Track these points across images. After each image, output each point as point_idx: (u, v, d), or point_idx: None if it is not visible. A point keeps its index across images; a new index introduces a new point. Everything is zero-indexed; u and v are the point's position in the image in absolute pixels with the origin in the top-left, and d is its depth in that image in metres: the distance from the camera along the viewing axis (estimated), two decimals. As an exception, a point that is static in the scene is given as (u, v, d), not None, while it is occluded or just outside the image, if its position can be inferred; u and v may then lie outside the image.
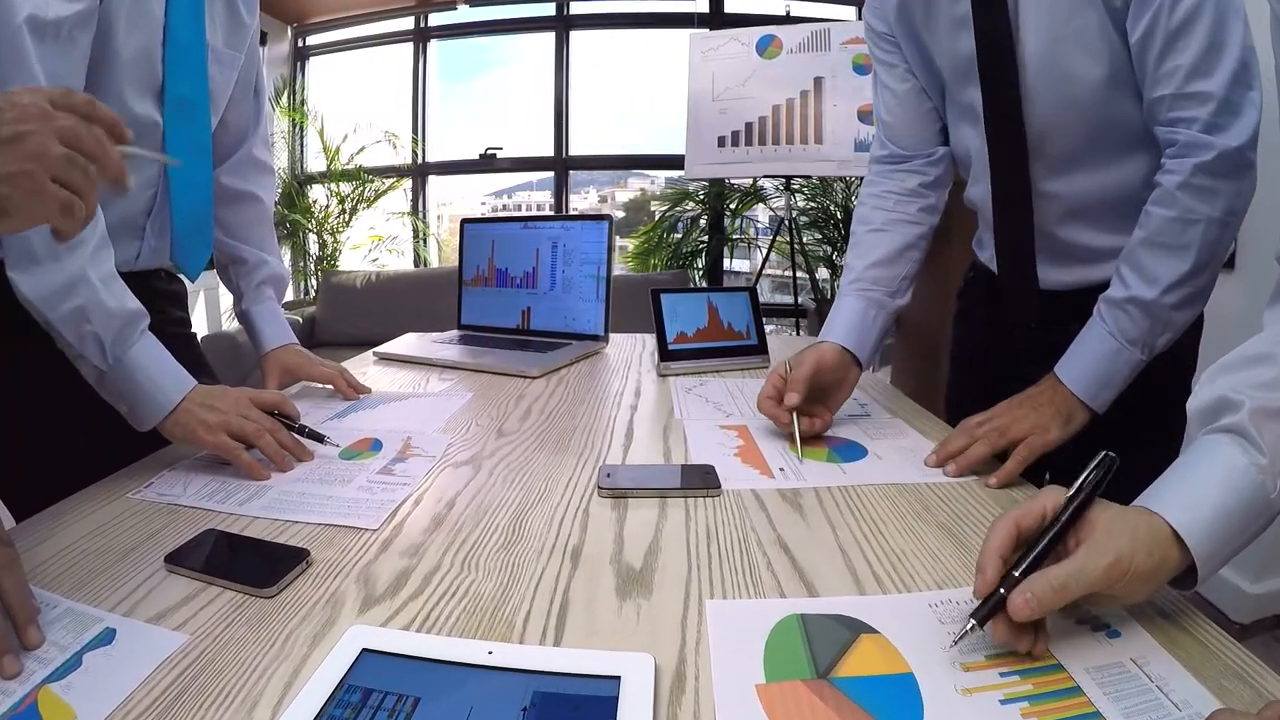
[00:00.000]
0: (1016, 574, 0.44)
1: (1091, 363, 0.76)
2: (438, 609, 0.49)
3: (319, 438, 0.82)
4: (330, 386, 1.04)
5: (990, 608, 0.44)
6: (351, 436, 0.85)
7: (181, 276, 1.02)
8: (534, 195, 4.97)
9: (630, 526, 0.61)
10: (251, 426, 0.75)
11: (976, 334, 1.05)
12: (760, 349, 1.25)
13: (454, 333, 1.47)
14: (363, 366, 1.26)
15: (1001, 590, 0.44)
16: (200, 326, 3.62)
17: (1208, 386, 0.53)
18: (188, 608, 0.50)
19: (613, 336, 1.38)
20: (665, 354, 1.18)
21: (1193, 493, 0.49)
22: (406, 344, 1.40)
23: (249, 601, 0.50)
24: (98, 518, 0.64)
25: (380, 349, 1.35)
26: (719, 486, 0.68)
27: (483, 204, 5.28)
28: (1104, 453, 0.50)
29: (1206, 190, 0.70)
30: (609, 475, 0.70)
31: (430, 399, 1.03)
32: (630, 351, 1.35)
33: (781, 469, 0.74)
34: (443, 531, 0.61)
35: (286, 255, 4.38)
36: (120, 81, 0.80)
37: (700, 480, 0.69)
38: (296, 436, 0.80)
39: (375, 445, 0.82)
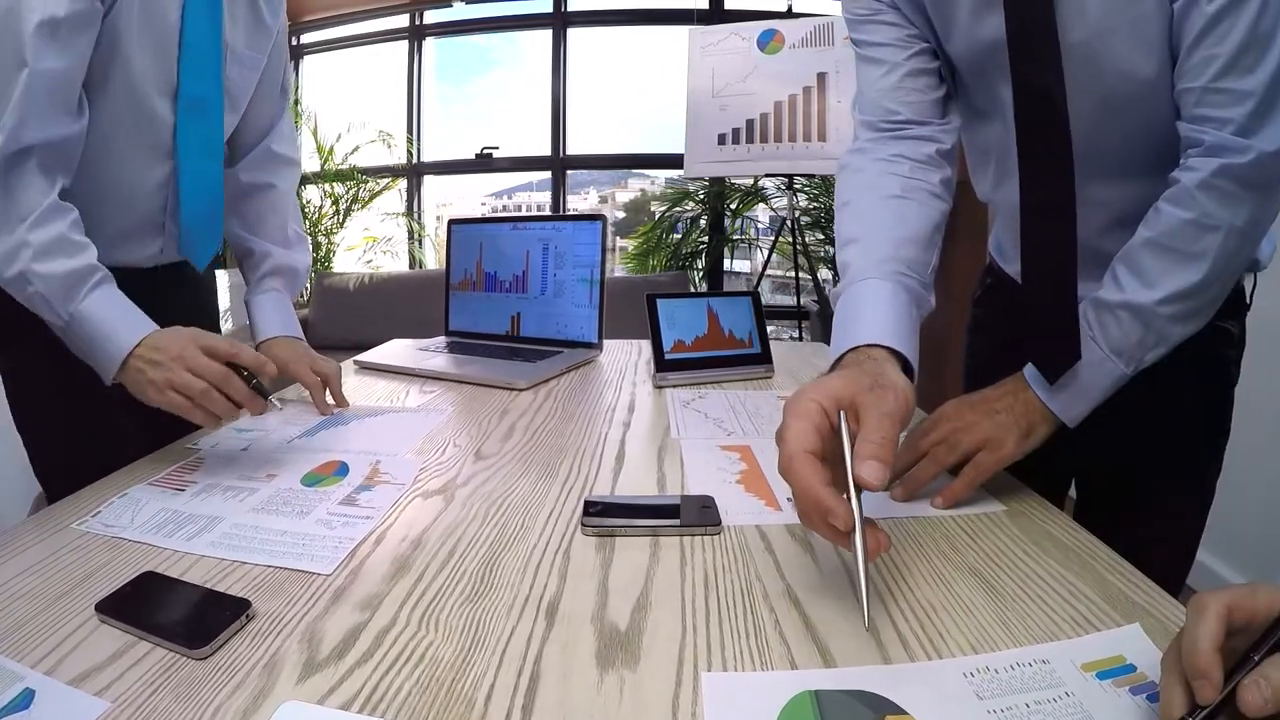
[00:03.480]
0: (1256, 658, 0.33)
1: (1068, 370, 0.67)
2: (387, 679, 0.42)
3: (264, 393, 0.78)
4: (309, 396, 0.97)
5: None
6: (317, 459, 0.78)
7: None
8: (534, 196, 4.90)
9: (616, 574, 0.54)
10: (199, 386, 0.74)
11: (996, 345, 0.97)
12: (764, 358, 1.17)
13: (441, 339, 1.39)
14: (342, 375, 1.19)
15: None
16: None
17: None
18: (114, 667, 0.44)
19: (608, 342, 1.31)
20: (661, 364, 1.11)
21: None
22: (390, 352, 1.33)
23: (179, 663, 0.44)
24: (37, 552, 0.59)
25: (361, 357, 1.28)
26: (719, 523, 0.60)
27: (482, 204, 5.22)
28: None
29: (1230, 195, 0.61)
30: (595, 508, 0.62)
31: (407, 415, 0.96)
32: (625, 359, 1.28)
33: (789, 499, 0.66)
34: (403, 579, 0.53)
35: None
36: (133, 81, 0.84)
37: (698, 516, 0.61)
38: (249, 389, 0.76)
39: (341, 469, 0.75)
